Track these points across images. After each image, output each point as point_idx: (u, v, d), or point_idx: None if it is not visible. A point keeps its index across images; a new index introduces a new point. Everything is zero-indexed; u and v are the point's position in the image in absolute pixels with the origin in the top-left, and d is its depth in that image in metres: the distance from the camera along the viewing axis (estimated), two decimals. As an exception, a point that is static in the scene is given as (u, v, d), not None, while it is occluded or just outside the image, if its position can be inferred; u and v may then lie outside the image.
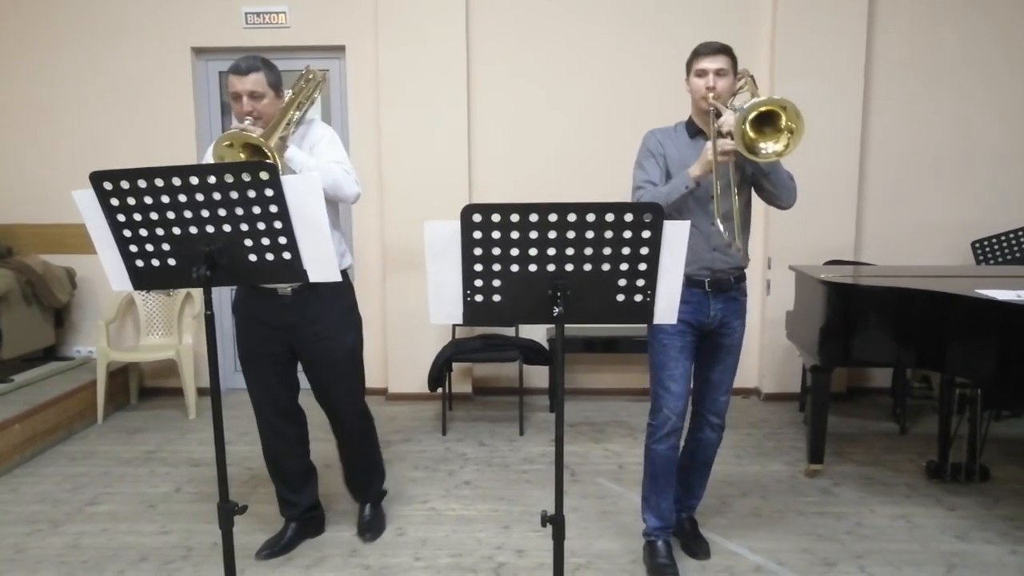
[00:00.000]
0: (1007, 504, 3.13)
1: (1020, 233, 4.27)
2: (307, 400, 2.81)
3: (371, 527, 2.88)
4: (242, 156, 2.31)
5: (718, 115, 2.39)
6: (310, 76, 2.67)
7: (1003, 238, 4.32)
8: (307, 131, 2.65)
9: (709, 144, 2.36)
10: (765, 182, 2.48)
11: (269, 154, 2.28)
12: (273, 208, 1.87)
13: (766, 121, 2.27)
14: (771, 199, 2.54)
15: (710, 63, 2.44)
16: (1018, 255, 4.25)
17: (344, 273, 2.73)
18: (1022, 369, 2.65)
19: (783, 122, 2.25)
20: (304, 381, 2.77)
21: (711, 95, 2.42)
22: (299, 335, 2.65)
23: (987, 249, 4.36)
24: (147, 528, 2.99)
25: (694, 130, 2.58)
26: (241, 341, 2.72)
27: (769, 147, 2.28)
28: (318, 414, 2.83)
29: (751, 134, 2.27)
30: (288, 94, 2.58)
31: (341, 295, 2.71)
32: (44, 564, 2.72)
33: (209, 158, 2.38)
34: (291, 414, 2.78)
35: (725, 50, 2.46)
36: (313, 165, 2.48)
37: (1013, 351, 2.68)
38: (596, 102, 4.59)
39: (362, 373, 2.84)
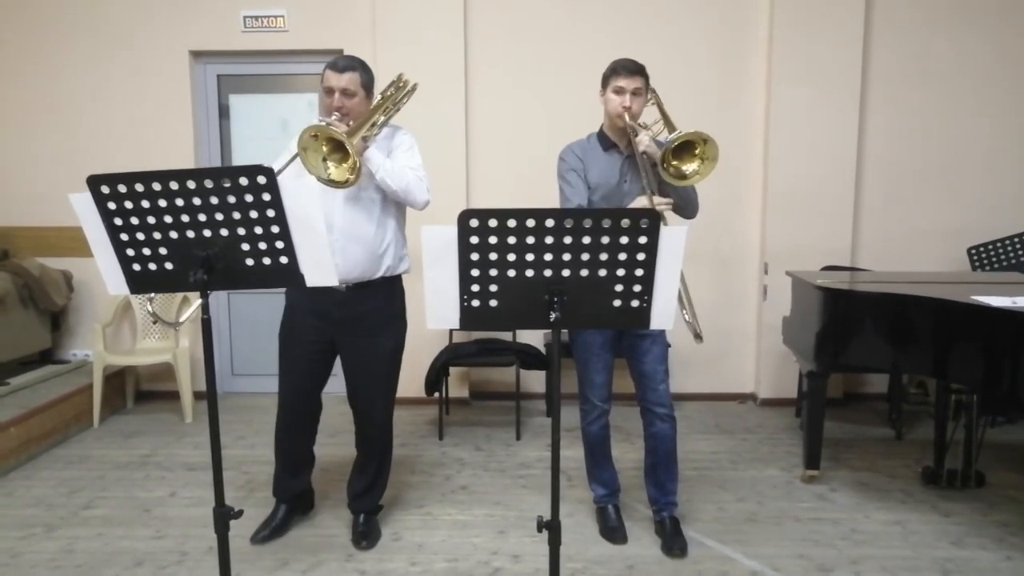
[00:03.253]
0: (1002, 510, 3.13)
1: (1016, 239, 4.28)
2: (333, 408, 2.82)
3: (367, 536, 2.87)
4: (325, 148, 2.39)
5: (635, 133, 2.61)
6: (401, 83, 2.76)
7: (999, 244, 4.33)
8: (392, 135, 2.73)
9: None
10: (673, 193, 2.65)
11: (350, 150, 2.35)
12: (270, 212, 1.87)
13: (684, 148, 2.52)
14: (677, 210, 2.71)
15: (628, 83, 2.64)
16: (1014, 261, 4.26)
17: (399, 278, 2.80)
18: (1017, 375, 2.66)
19: (698, 150, 2.51)
20: (333, 385, 2.81)
21: (627, 115, 2.61)
22: (344, 330, 2.70)
23: (983, 255, 4.37)
24: (142, 532, 2.98)
25: (608, 143, 2.77)
26: (284, 323, 2.79)
27: (686, 168, 2.54)
28: (329, 420, 2.85)
29: (672, 159, 2.53)
30: (377, 98, 2.66)
31: (393, 297, 2.79)
32: (38, 569, 2.71)
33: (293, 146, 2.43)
34: (309, 405, 2.84)
35: (642, 71, 2.66)
36: (389, 167, 2.57)
37: (1008, 357, 2.69)
38: (594, 104, 4.56)
39: (397, 380, 2.87)
